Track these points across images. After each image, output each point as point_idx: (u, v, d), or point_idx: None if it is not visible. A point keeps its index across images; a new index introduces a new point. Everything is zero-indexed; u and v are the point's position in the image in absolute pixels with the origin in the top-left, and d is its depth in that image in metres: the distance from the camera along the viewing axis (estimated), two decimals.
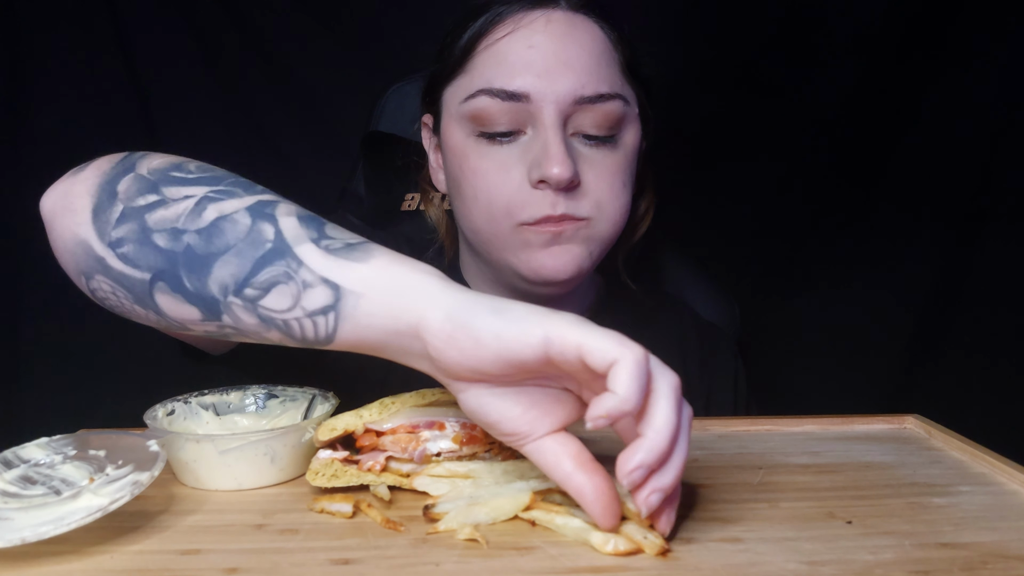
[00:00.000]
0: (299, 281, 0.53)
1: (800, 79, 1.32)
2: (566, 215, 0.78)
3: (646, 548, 0.47)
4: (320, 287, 0.52)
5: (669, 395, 0.48)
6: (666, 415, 0.47)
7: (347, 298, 0.52)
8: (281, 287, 0.53)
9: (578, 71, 0.77)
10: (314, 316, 0.53)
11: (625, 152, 0.81)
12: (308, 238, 0.54)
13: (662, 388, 0.48)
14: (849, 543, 0.49)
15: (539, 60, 0.78)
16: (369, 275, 0.53)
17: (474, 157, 0.81)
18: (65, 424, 0.63)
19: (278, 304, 0.53)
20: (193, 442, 0.57)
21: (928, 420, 0.72)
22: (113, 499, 0.49)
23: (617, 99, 0.79)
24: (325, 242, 0.54)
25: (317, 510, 0.53)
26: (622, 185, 0.81)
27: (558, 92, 0.77)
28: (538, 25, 0.79)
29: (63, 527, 0.46)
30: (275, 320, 0.54)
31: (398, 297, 0.52)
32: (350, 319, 0.53)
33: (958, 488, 0.58)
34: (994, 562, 0.46)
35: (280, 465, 0.58)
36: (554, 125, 0.77)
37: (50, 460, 0.55)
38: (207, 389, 0.66)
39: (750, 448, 0.67)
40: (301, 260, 0.53)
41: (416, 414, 0.58)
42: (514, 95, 0.78)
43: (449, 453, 0.57)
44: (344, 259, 0.53)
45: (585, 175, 0.79)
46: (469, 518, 0.50)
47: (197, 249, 0.54)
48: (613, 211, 0.81)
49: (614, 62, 0.80)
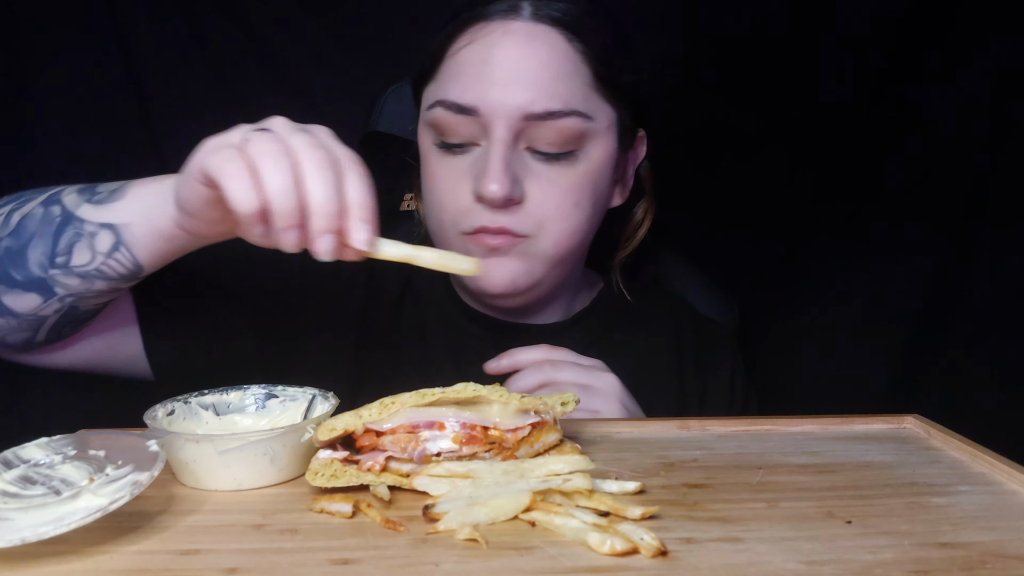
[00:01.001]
0: (87, 234, 0.66)
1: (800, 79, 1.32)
2: (504, 229, 0.79)
3: (642, 550, 0.47)
4: (102, 232, 0.66)
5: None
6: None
7: (122, 231, 0.65)
8: (78, 245, 0.66)
9: (530, 86, 0.76)
10: (112, 255, 0.66)
11: (587, 169, 0.80)
12: (83, 200, 0.67)
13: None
14: (848, 543, 0.49)
15: (490, 75, 0.77)
16: (127, 206, 0.66)
17: (433, 164, 0.83)
18: (65, 424, 0.63)
19: (82, 259, 0.66)
20: (193, 442, 0.57)
21: (927, 420, 0.72)
22: (113, 499, 0.49)
23: (573, 116, 0.77)
24: (95, 197, 0.67)
25: (317, 510, 0.53)
26: (573, 204, 0.80)
27: (507, 108, 0.76)
28: (495, 37, 0.78)
29: (63, 527, 0.46)
30: (89, 272, 0.67)
31: (151, 210, 0.65)
32: (136, 244, 0.66)
33: (957, 488, 0.58)
34: (993, 561, 0.46)
35: (279, 465, 0.58)
36: (500, 141, 0.77)
37: (50, 460, 0.55)
38: (207, 389, 0.66)
39: (749, 448, 0.67)
40: (82, 218, 0.66)
41: (416, 414, 0.58)
42: (465, 109, 0.78)
43: (449, 453, 0.57)
44: (109, 203, 0.66)
45: (532, 192, 0.79)
46: (469, 518, 0.50)
47: (13, 247, 0.67)
48: (558, 230, 0.80)
49: (577, 76, 0.78)
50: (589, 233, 0.85)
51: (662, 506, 0.53)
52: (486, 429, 0.58)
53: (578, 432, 0.69)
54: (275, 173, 0.54)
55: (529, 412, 0.60)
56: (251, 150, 0.55)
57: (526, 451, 0.59)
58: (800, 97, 1.32)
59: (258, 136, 0.56)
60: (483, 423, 0.58)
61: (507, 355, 0.81)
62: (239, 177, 0.55)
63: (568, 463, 0.55)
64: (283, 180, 0.54)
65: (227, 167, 0.55)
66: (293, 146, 0.56)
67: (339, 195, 0.56)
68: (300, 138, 0.57)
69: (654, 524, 0.51)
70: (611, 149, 0.82)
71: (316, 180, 0.55)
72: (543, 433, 0.60)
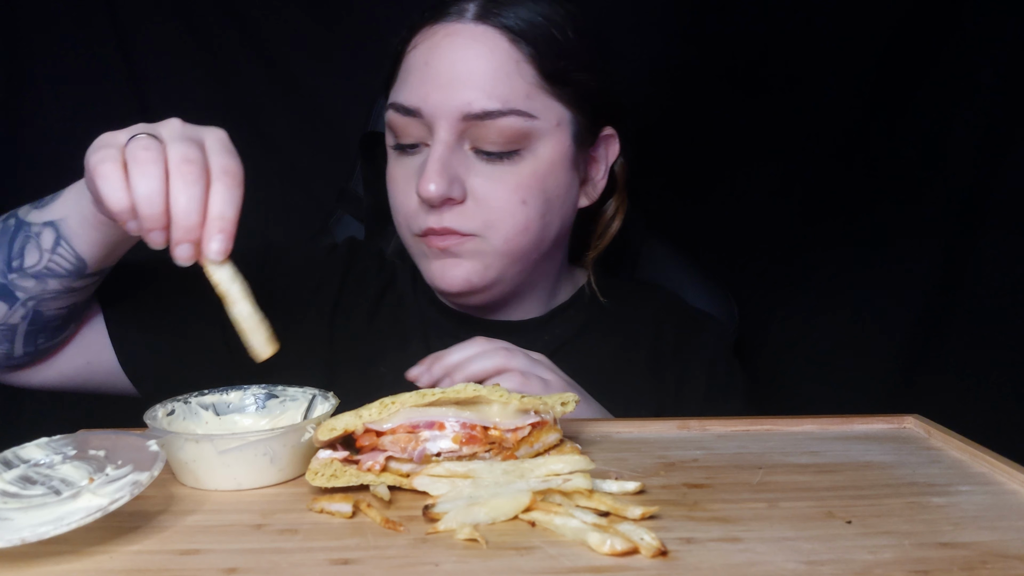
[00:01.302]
0: (34, 235, 0.71)
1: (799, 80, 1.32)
2: (448, 229, 0.81)
3: (642, 550, 0.47)
4: (45, 230, 0.71)
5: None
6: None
7: (60, 225, 0.70)
8: (28, 247, 0.71)
9: (470, 87, 0.78)
10: (55, 251, 0.70)
11: (535, 167, 0.81)
12: (31, 207, 0.73)
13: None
14: (848, 543, 0.49)
15: (432, 77, 0.79)
16: (63, 202, 0.71)
17: (391, 165, 0.85)
18: (65, 424, 0.63)
19: (32, 259, 0.71)
20: (192, 442, 0.57)
21: (927, 420, 0.72)
22: (113, 499, 0.49)
23: (513, 115, 0.78)
24: (41, 202, 0.72)
25: (317, 510, 0.53)
26: (520, 201, 0.81)
27: (446, 109, 0.78)
28: (437, 39, 0.80)
29: (63, 527, 0.46)
30: (41, 272, 0.71)
31: (80, 201, 0.68)
32: (73, 236, 0.70)
33: (957, 488, 0.58)
34: (993, 561, 0.46)
35: (279, 465, 0.58)
36: (440, 142, 0.79)
37: (50, 460, 0.55)
38: (207, 389, 0.66)
39: (750, 448, 0.67)
40: (28, 222, 0.72)
41: (416, 414, 0.58)
42: (410, 111, 0.80)
43: (449, 453, 0.57)
44: (50, 204, 0.72)
45: (476, 190, 0.80)
46: (469, 518, 0.50)
47: None
48: (507, 227, 0.81)
49: (519, 76, 0.79)
50: (544, 231, 0.84)
51: (662, 506, 0.53)
52: (486, 429, 0.58)
53: (578, 432, 0.69)
54: (143, 179, 0.57)
55: (529, 412, 0.60)
56: (128, 153, 0.58)
57: (526, 451, 0.59)
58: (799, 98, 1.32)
59: (139, 141, 0.59)
60: (483, 423, 0.58)
61: (431, 360, 0.77)
62: (110, 177, 0.58)
63: (568, 463, 0.55)
64: (148, 186, 0.57)
65: (101, 167, 0.58)
66: (169, 154, 0.58)
67: (200, 207, 0.58)
68: (178, 147, 0.59)
69: (654, 524, 0.51)
70: (563, 148, 0.83)
71: (180, 190, 0.57)
72: (543, 433, 0.60)
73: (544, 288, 0.92)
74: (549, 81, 0.80)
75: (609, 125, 0.89)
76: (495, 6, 0.80)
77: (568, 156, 0.84)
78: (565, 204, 0.86)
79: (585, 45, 0.84)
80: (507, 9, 0.80)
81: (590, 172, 0.89)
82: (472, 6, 0.80)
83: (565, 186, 0.85)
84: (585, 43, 0.84)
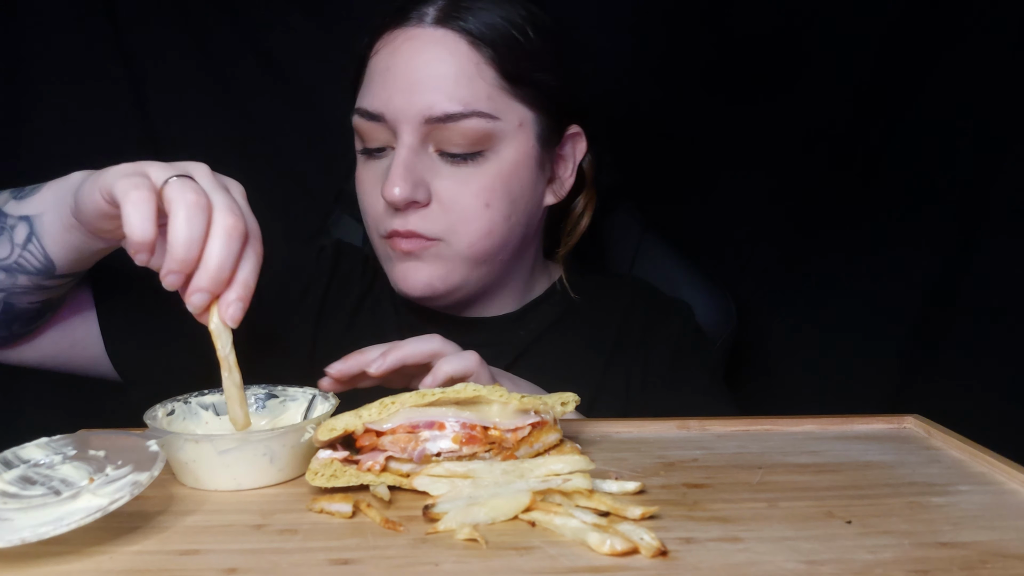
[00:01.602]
0: (8, 227, 0.69)
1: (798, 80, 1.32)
2: (413, 232, 0.81)
3: (642, 550, 0.47)
4: (19, 224, 0.68)
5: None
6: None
7: (35, 222, 0.68)
8: (0, 238, 0.69)
9: (430, 91, 0.78)
10: (26, 247, 0.68)
11: (499, 169, 0.82)
12: (10, 196, 0.70)
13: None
14: (848, 542, 0.49)
15: (393, 81, 0.80)
16: (42, 198, 0.68)
17: (360, 168, 0.86)
18: (65, 424, 0.63)
19: (3, 252, 0.69)
20: (192, 442, 0.57)
21: (927, 420, 0.72)
22: (112, 499, 0.49)
23: (474, 117, 0.79)
24: (21, 194, 0.70)
25: (316, 510, 0.53)
26: (483, 205, 0.82)
27: (409, 113, 0.79)
28: (397, 44, 0.81)
29: (62, 527, 0.46)
30: (10, 265, 0.69)
31: (60, 201, 0.66)
32: (45, 234, 0.68)
33: (957, 487, 0.58)
34: (993, 561, 0.46)
35: (279, 465, 0.58)
36: (404, 145, 0.80)
37: (49, 460, 0.55)
38: (207, 389, 0.66)
39: (749, 448, 0.67)
40: (5, 213, 0.70)
41: (416, 414, 0.58)
42: (373, 115, 0.81)
43: (449, 453, 0.57)
44: (28, 197, 0.69)
45: (442, 193, 0.81)
46: (468, 518, 0.50)
47: None
48: (470, 232, 0.82)
49: (480, 78, 0.80)
50: (509, 233, 0.85)
51: (662, 506, 0.53)
52: (486, 429, 0.58)
53: (578, 432, 0.69)
54: (187, 224, 0.55)
55: (529, 412, 0.60)
56: (170, 192, 0.56)
57: (526, 451, 0.59)
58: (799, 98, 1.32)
59: (186, 183, 0.57)
60: (483, 423, 0.58)
61: (354, 354, 0.71)
62: (142, 206, 0.55)
63: (568, 463, 0.55)
64: (192, 233, 0.55)
65: (133, 193, 0.56)
66: (215, 203, 0.57)
67: (233, 266, 0.57)
68: (222, 198, 0.58)
69: (654, 524, 0.51)
70: (527, 148, 0.83)
71: (221, 245, 0.56)
72: (543, 433, 0.60)
73: (517, 285, 0.93)
74: (510, 82, 0.81)
75: (575, 123, 0.89)
76: (455, 9, 0.80)
77: (533, 156, 0.84)
78: (531, 204, 0.87)
79: (547, 46, 0.84)
80: (467, 12, 0.80)
81: (557, 170, 0.90)
82: (432, 10, 0.81)
83: (530, 186, 0.85)
84: (547, 44, 0.84)
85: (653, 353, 0.93)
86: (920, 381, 1.33)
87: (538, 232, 0.92)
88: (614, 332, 0.94)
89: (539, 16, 0.85)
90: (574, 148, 0.91)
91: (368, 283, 0.96)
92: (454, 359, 0.67)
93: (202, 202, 0.56)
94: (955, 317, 1.30)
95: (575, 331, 0.94)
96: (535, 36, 0.83)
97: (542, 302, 0.95)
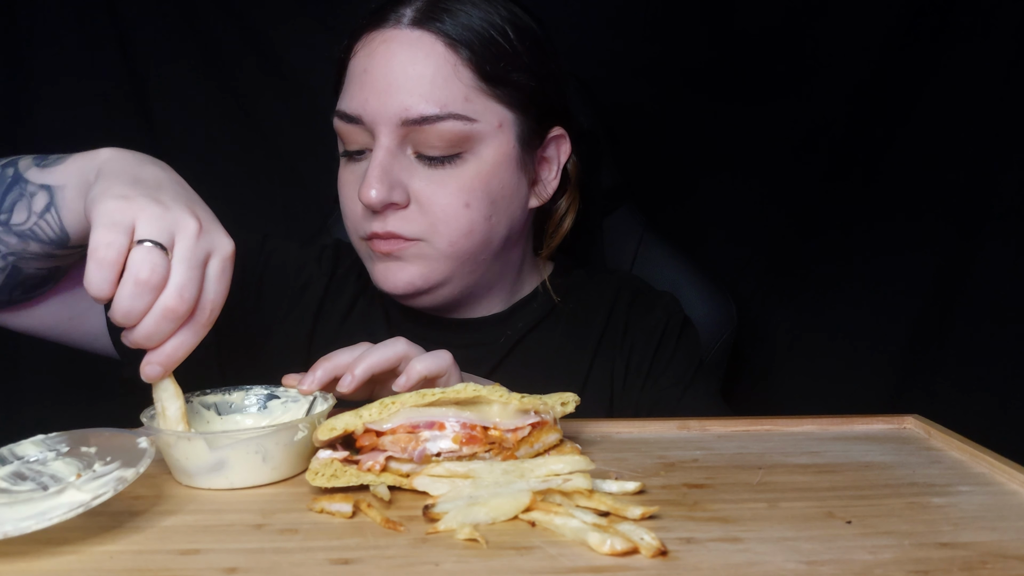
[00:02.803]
0: (27, 194, 0.69)
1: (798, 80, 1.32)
2: (392, 233, 0.81)
3: (642, 550, 0.47)
4: (40, 192, 0.68)
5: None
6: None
7: (56, 192, 0.67)
8: (19, 204, 0.69)
9: (407, 93, 0.78)
10: (43, 216, 0.68)
11: (478, 170, 0.82)
12: (33, 163, 0.70)
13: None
14: (848, 543, 0.49)
15: (370, 83, 0.80)
16: (66, 169, 0.67)
17: (341, 171, 0.87)
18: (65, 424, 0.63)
19: (20, 217, 0.69)
20: (185, 440, 0.57)
21: (928, 420, 0.72)
22: (96, 495, 0.48)
23: (451, 119, 0.79)
24: (43, 161, 0.70)
25: (317, 510, 0.53)
26: (463, 205, 0.81)
27: (385, 115, 0.79)
28: (374, 46, 0.81)
29: (44, 522, 0.46)
30: (24, 232, 0.69)
31: (83, 174, 0.65)
32: (64, 207, 0.67)
33: (957, 488, 0.58)
34: (993, 562, 0.46)
35: (272, 464, 0.58)
36: (381, 147, 0.80)
37: (43, 457, 0.56)
38: (209, 389, 0.67)
39: (750, 448, 0.67)
40: (27, 179, 0.69)
41: (416, 414, 0.58)
42: (351, 118, 0.81)
43: (449, 453, 0.57)
44: (52, 167, 0.69)
45: (420, 195, 0.81)
46: (469, 518, 0.50)
47: None
48: (450, 231, 0.82)
49: (457, 80, 0.79)
50: (490, 233, 0.84)
51: (662, 506, 0.53)
52: (486, 429, 0.58)
53: (578, 432, 0.69)
54: (130, 299, 0.55)
55: (529, 412, 0.60)
56: (132, 259, 0.56)
57: (526, 451, 0.59)
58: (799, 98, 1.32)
59: (146, 253, 0.56)
60: (483, 423, 0.58)
61: (319, 362, 0.68)
62: (104, 268, 0.56)
63: (568, 463, 0.55)
64: (132, 307, 0.56)
65: (101, 251, 0.56)
66: (169, 283, 0.56)
67: (163, 340, 0.58)
68: (180, 276, 0.57)
69: (654, 524, 0.51)
70: (506, 149, 0.83)
71: (156, 324, 0.57)
72: (543, 433, 0.60)
73: (504, 286, 0.94)
74: (489, 83, 0.81)
75: (559, 125, 0.89)
76: (432, 11, 0.80)
77: (513, 157, 0.84)
78: (512, 205, 0.86)
79: (526, 47, 0.84)
80: (444, 14, 0.80)
81: (540, 172, 0.90)
82: (409, 11, 0.81)
83: (511, 187, 0.85)
84: (526, 45, 0.84)
85: (636, 347, 0.93)
86: (920, 382, 1.33)
87: (523, 234, 0.92)
88: (599, 327, 0.94)
89: (520, 17, 0.84)
90: (558, 150, 0.90)
91: (362, 285, 0.96)
92: (427, 358, 0.66)
93: (153, 281, 0.56)
94: (955, 318, 1.31)
95: (561, 328, 0.94)
96: (515, 37, 0.83)
97: (529, 301, 0.95)
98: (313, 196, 1.34)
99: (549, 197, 0.91)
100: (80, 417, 0.71)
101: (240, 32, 1.31)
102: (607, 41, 1.30)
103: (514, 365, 0.91)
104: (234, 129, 1.33)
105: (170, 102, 1.31)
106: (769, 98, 1.32)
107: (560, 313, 0.95)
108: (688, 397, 0.89)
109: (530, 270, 0.97)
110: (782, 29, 1.30)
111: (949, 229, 1.31)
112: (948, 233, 1.31)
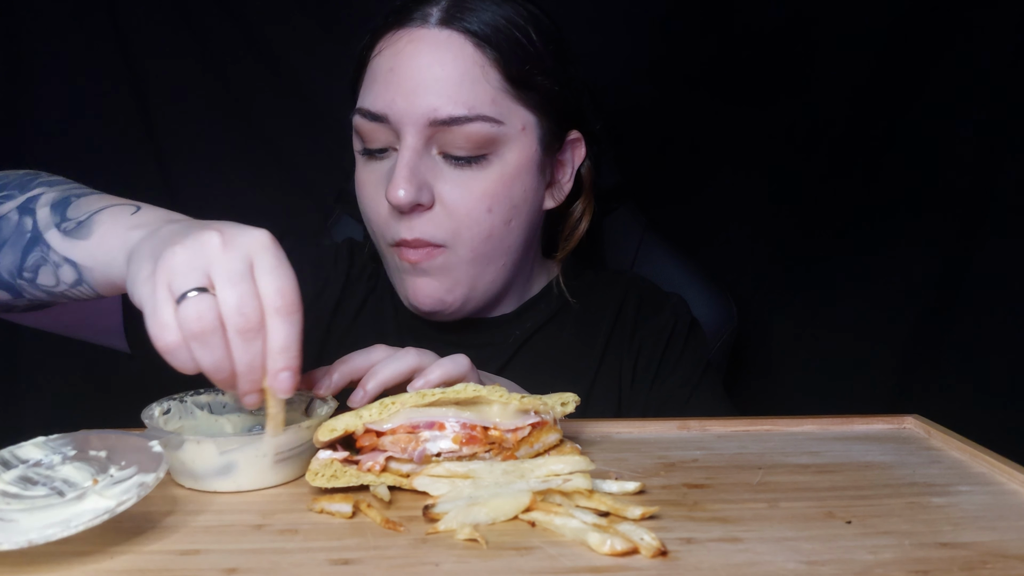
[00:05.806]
0: (52, 262, 0.66)
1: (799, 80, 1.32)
2: (420, 240, 0.81)
3: (642, 550, 0.47)
4: (65, 265, 0.65)
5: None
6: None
7: (84, 271, 0.65)
8: (43, 268, 0.66)
9: (435, 93, 0.78)
10: (75, 287, 0.66)
11: (502, 172, 0.81)
12: (53, 224, 0.66)
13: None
14: (848, 543, 0.49)
15: (397, 82, 0.79)
16: (90, 250, 0.64)
17: (360, 170, 0.85)
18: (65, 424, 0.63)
19: (47, 281, 0.67)
20: (193, 443, 0.57)
21: (928, 420, 0.72)
22: (120, 501, 0.48)
23: (479, 121, 0.78)
24: (64, 224, 0.66)
25: (317, 510, 0.53)
26: (486, 209, 0.81)
27: (413, 115, 0.78)
28: (401, 45, 0.80)
29: (71, 529, 0.46)
30: (54, 292, 0.67)
31: (110, 265, 0.62)
32: (97, 283, 0.65)
33: (957, 488, 0.58)
34: (993, 561, 0.46)
35: (280, 467, 0.58)
36: (408, 147, 0.79)
37: (49, 460, 0.55)
38: (202, 388, 0.66)
39: (750, 448, 0.67)
40: (49, 245, 0.66)
41: (416, 414, 0.58)
42: (376, 116, 0.80)
43: (449, 453, 0.57)
44: (75, 239, 0.65)
45: (445, 196, 0.81)
46: (469, 518, 0.50)
47: None
48: (472, 236, 0.82)
49: (485, 81, 0.79)
50: (509, 236, 0.85)
51: (662, 506, 0.53)
52: (486, 429, 0.58)
53: (578, 432, 0.69)
54: (206, 352, 0.53)
55: (529, 412, 0.60)
56: (183, 320, 0.53)
57: (526, 451, 0.59)
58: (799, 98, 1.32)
59: (192, 307, 0.53)
60: (483, 423, 0.58)
61: (336, 364, 0.69)
62: (172, 355, 0.54)
63: (568, 463, 0.55)
64: (213, 357, 0.54)
65: (159, 342, 0.54)
66: (224, 312, 0.54)
67: (262, 357, 0.55)
68: (232, 299, 0.54)
69: (654, 524, 0.51)
70: (529, 152, 0.83)
71: (243, 352, 0.54)
72: (543, 433, 0.60)
73: (516, 287, 0.94)
74: (514, 86, 0.81)
75: (575, 129, 0.89)
76: (459, 11, 0.80)
77: (535, 160, 0.84)
78: (531, 208, 0.86)
79: (549, 49, 0.84)
80: (471, 13, 0.80)
81: (556, 175, 0.90)
82: (436, 11, 0.80)
83: (532, 190, 0.85)
84: (549, 47, 0.84)
85: (644, 348, 0.93)
86: (920, 381, 1.33)
87: (536, 236, 0.93)
88: (607, 327, 0.94)
89: (540, 17, 0.84)
90: (573, 153, 0.91)
91: (372, 285, 0.96)
92: (445, 364, 0.65)
93: (206, 326, 0.53)
94: (955, 317, 1.31)
95: (569, 328, 0.94)
96: (537, 38, 0.83)
97: (538, 301, 0.95)
98: (313, 197, 1.34)
99: (563, 199, 0.91)
100: (80, 417, 0.71)
101: (240, 32, 1.31)
102: (607, 41, 1.30)
103: (522, 365, 0.90)
104: (233, 129, 1.33)
105: (170, 102, 1.31)
106: (769, 98, 1.32)
107: (568, 313, 0.95)
108: (696, 398, 0.89)
109: (539, 270, 0.97)
110: (783, 29, 1.30)
111: (949, 228, 1.30)
112: (948, 232, 1.31)
